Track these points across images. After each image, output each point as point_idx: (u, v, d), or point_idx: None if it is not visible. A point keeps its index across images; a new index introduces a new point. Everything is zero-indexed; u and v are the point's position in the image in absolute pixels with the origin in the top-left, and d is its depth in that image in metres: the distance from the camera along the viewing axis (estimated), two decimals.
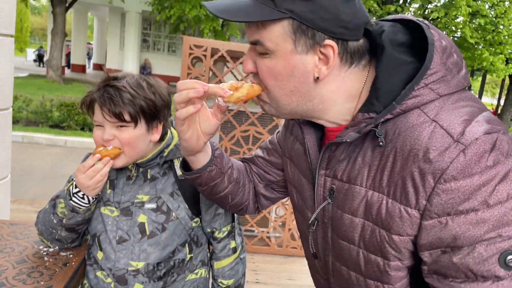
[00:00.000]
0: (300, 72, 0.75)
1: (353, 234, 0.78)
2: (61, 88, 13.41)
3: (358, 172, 0.76)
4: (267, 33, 0.73)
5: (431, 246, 0.69)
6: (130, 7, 17.98)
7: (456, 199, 0.64)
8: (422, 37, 0.74)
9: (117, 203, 1.26)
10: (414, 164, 0.67)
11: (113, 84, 1.15)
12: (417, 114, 0.69)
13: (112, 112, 1.14)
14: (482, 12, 14.34)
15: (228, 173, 1.01)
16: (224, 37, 14.78)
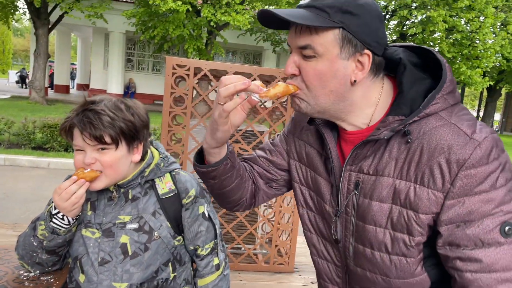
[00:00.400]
0: (341, 75, 0.88)
1: (381, 218, 0.92)
2: (44, 109, 13.28)
3: (386, 165, 0.90)
4: (319, 39, 0.86)
5: (450, 221, 0.85)
6: (114, 28, 18.02)
7: (473, 182, 0.82)
8: (427, 59, 0.95)
9: (98, 224, 1.26)
10: (440, 156, 0.84)
11: (92, 108, 1.17)
12: (437, 118, 0.87)
13: (93, 136, 1.15)
14: (458, 27, 14.79)
15: (237, 168, 1.09)
16: (208, 55, 14.89)
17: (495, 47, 15.27)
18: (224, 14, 13.21)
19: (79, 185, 1.16)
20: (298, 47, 0.89)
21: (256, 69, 3.03)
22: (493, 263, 0.83)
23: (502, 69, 18.80)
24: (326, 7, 0.86)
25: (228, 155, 1.03)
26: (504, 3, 16.12)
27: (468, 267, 0.85)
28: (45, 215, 1.24)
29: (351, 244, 1.00)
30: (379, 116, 0.94)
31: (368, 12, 0.87)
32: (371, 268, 0.98)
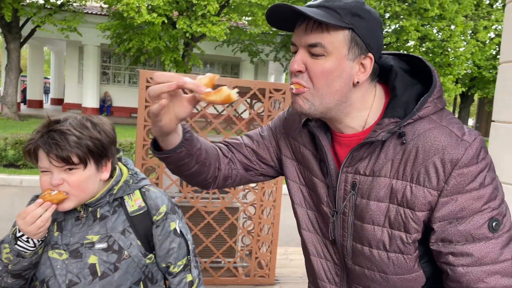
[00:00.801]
0: (346, 75, 0.91)
1: (379, 217, 0.95)
2: (16, 125, 12.94)
3: (382, 166, 0.94)
4: (330, 37, 0.89)
5: (443, 218, 0.90)
6: (88, 41, 17.79)
7: (465, 180, 0.87)
8: (416, 66, 1.00)
9: (65, 245, 1.21)
10: (435, 156, 0.88)
11: (57, 128, 1.12)
12: (429, 121, 0.92)
13: (60, 157, 1.10)
14: (430, 36, 15.20)
15: (197, 155, 1.06)
16: (186, 67, 14.84)
17: (466, 54, 15.73)
18: (200, 26, 13.23)
19: (45, 208, 1.11)
20: (308, 45, 0.91)
21: (232, 81, 3.01)
22: (483, 257, 0.89)
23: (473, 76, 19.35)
24: (338, 8, 0.89)
25: (182, 143, 1.01)
26: (474, 12, 16.66)
27: (460, 262, 0.90)
28: (9, 238, 1.17)
29: (349, 243, 1.03)
30: (373, 119, 0.97)
31: (373, 18, 0.92)
32: (369, 265, 1.01)
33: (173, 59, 14.42)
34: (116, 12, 14.26)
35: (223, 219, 3.26)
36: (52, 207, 1.12)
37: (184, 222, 1.35)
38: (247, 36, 15.84)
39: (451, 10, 14.65)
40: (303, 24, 0.91)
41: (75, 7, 15.91)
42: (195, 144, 1.05)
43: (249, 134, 1.22)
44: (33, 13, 14.21)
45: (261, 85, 3.14)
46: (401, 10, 14.74)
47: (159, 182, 3.07)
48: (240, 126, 3.22)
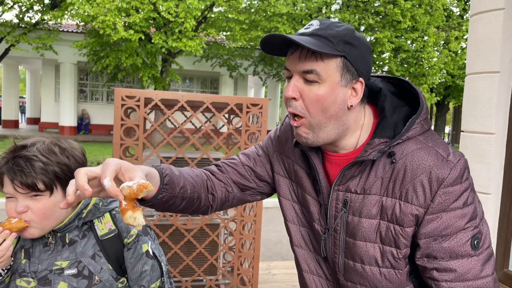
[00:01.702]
0: (340, 100, 0.95)
1: (371, 233, 0.99)
2: None
3: (373, 184, 0.98)
4: (324, 65, 0.92)
5: (428, 235, 0.94)
6: (65, 59, 17.59)
7: (450, 199, 0.92)
8: (402, 88, 1.06)
9: (33, 273, 1.17)
10: (422, 175, 0.93)
11: (23, 155, 1.10)
12: (416, 141, 0.96)
13: (24, 184, 1.08)
14: (404, 47, 15.60)
15: (181, 193, 1.06)
16: (164, 83, 14.80)
17: (439, 64, 16.18)
18: (176, 41, 13.24)
19: (3, 237, 1.08)
20: (303, 71, 0.94)
21: (208, 97, 3.02)
22: (465, 273, 0.93)
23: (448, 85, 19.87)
24: (330, 36, 0.92)
25: (162, 189, 1.00)
26: (445, 23, 17.19)
27: (444, 277, 0.95)
28: None
29: (340, 260, 1.06)
30: (363, 139, 1.02)
31: (363, 45, 0.96)
32: (361, 281, 1.04)
33: (151, 75, 14.37)
34: (92, 29, 14.18)
35: (203, 236, 3.23)
36: (12, 236, 1.09)
37: (157, 243, 1.33)
38: (225, 50, 15.94)
39: (423, 22, 15.09)
40: (297, 51, 0.95)
41: (50, 26, 15.75)
42: (177, 184, 1.04)
43: (245, 152, 1.24)
44: (7, 32, 14.01)
45: (238, 100, 3.15)
46: (375, 23, 15.11)
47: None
48: (218, 141, 3.22)
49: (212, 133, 3.17)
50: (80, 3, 12.44)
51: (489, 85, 2.00)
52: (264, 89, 28.02)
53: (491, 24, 2.03)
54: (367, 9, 15.31)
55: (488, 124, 1.98)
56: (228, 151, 3.21)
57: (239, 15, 14.72)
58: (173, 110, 2.99)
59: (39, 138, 1.18)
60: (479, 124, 1.94)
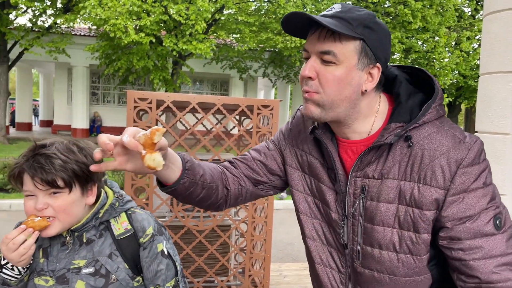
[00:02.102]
0: (355, 83, 0.96)
1: (389, 218, 0.99)
2: (5, 149, 12.80)
3: (390, 168, 0.98)
4: (342, 47, 0.94)
5: (452, 217, 0.95)
6: (77, 62, 17.80)
7: (470, 179, 0.93)
8: (416, 77, 1.08)
9: (51, 271, 1.19)
10: (441, 157, 0.94)
11: (43, 152, 1.13)
12: (433, 125, 0.98)
13: (45, 180, 1.11)
14: (415, 48, 15.48)
15: (201, 181, 1.09)
16: (175, 85, 14.88)
17: (451, 65, 16.02)
18: (186, 43, 13.31)
19: (27, 235, 1.10)
20: (320, 52, 0.95)
21: (220, 98, 3.03)
22: (492, 249, 0.94)
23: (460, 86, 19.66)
24: (351, 19, 0.93)
25: (184, 174, 1.04)
26: (456, 23, 17.02)
27: (472, 256, 0.94)
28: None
29: (358, 247, 1.06)
30: (378, 125, 1.03)
31: (383, 31, 0.97)
32: (379, 268, 1.03)
33: (162, 77, 14.46)
34: (104, 33, 14.33)
35: (215, 237, 3.24)
36: (35, 234, 1.11)
37: (172, 243, 1.35)
38: (235, 53, 15.98)
39: (434, 22, 14.96)
40: (316, 32, 0.96)
41: (63, 29, 15.95)
42: (198, 172, 1.08)
43: (256, 148, 1.26)
44: (21, 36, 14.22)
45: (249, 102, 3.16)
46: (385, 24, 15.02)
47: (149, 202, 3.05)
48: (229, 143, 3.23)
49: (223, 135, 3.18)
50: (92, 7, 12.57)
51: (504, 85, 1.98)
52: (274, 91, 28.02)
53: (505, 23, 2.01)
54: (377, 10, 15.23)
55: (503, 124, 1.95)
56: (239, 152, 3.21)
57: (249, 17, 14.74)
58: (185, 112, 3.01)
59: (57, 138, 1.21)
60: (494, 124, 1.92)
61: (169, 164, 1.00)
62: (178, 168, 1.03)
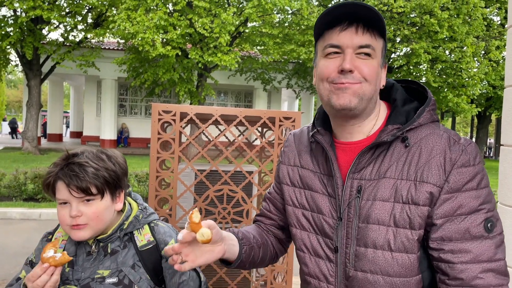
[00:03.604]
0: (379, 77, 1.04)
1: (384, 215, 1.00)
2: (36, 159, 13.24)
3: (387, 168, 1.01)
4: (377, 43, 1.02)
5: (443, 214, 0.96)
6: (106, 75, 18.33)
7: (463, 179, 0.96)
8: (411, 90, 1.14)
9: (76, 280, 1.23)
10: (438, 155, 0.98)
11: (75, 161, 1.18)
12: (429, 127, 1.03)
13: (80, 188, 1.16)
14: (442, 58, 15.19)
15: (255, 242, 1.19)
16: (200, 97, 15.09)
17: (479, 74, 15.64)
18: (211, 55, 13.52)
19: (49, 275, 1.14)
20: (360, 46, 1.00)
21: (242, 111, 3.07)
22: (480, 254, 0.95)
23: (489, 96, 19.16)
24: (382, 17, 1.00)
25: (242, 243, 1.13)
26: (485, 32, 16.66)
27: (459, 259, 0.95)
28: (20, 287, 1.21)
29: (352, 249, 1.05)
30: (377, 128, 1.07)
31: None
32: (373, 269, 1.03)
33: (187, 90, 14.70)
34: (132, 46, 14.73)
35: None
36: (58, 270, 1.15)
37: None
38: (259, 64, 16.10)
39: (461, 32, 14.67)
40: (351, 27, 1.00)
41: (93, 43, 16.48)
42: (249, 236, 1.18)
43: (265, 197, 1.33)
44: (53, 50, 14.78)
45: (271, 114, 3.18)
46: (411, 34, 14.83)
47: (172, 213, 3.10)
48: (251, 155, 3.26)
49: (245, 146, 3.21)
50: (121, 21, 12.98)
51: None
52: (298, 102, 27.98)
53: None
54: (402, 20, 15.08)
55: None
56: (261, 164, 3.23)
57: (273, 29, 14.86)
58: (207, 124, 3.06)
59: (86, 147, 1.27)
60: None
61: (228, 242, 1.08)
62: (235, 241, 1.12)
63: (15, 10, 14.41)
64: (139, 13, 12.99)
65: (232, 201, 3.16)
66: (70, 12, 15.13)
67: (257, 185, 3.19)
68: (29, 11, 13.22)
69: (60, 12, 14.33)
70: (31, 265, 1.29)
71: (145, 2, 13.21)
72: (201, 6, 13.13)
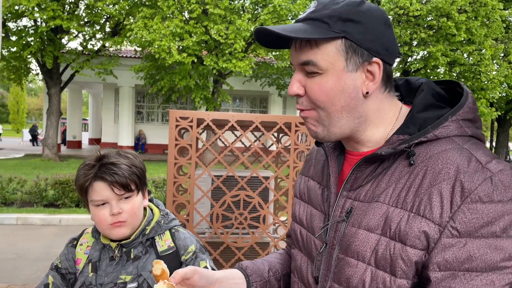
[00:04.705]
0: (350, 88, 0.80)
1: (365, 250, 0.79)
2: (56, 166, 13.50)
3: (384, 190, 0.79)
4: (321, 53, 0.79)
5: (444, 266, 0.70)
6: (123, 83, 18.64)
7: (479, 220, 0.68)
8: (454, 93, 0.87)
9: (100, 285, 1.26)
10: (444, 182, 0.72)
11: (109, 161, 1.22)
12: (449, 141, 0.77)
13: (121, 185, 1.20)
14: (460, 61, 14.99)
15: (272, 275, 1.04)
16: (215, 103, 15.20)
17: (499, 77, 15.36)
18: (226, 62, 13.63)
19: None
20: (300, 64, 0.83)
21: (258, 116, 3.08)
22: None
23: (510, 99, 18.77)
24: (325, 17, 0.79)
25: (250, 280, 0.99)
26: (504, 34, 16.37)
27: None
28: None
29: (328, 284, 0.87)
30: (389, 137, 0.85)
31: (371, 18, 0.80)
32: None
33: (203, 96, 14.82)
34: (149, 54, 14.94)
35: (253, 254, 3.26)
36: None
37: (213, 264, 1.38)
38: (274, 70, 16.14)
39: (479, 34, 14.46)
40: (293, 42, 0.84)
41: (111, 52, 16.80)
42: (263, 269, 1.04)
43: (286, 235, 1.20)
44: (72, 59, 15.09)
45: (286, 119, 3.19)
46: (428, 37, 14.68)
47: (189, 219, 3.12)
48: (267, 160, 3.26)
49: (262, 152, 3.22)
50: (138, 29, 13.20)
51: None
52: None
53: None
54: (419, 23, 14.94)
55: None
56: (277, 169, 3.24)
57: None
58: (224, 130, 3.08)
59: (110, 149, 1.31)
60: None
61: (228, 282, 0.95)
62: (240, 279, 0.98)
63: (36, 20, 14.80)
64: (156, 21, 13.19)
65: (249, 206, 3.16)
66: (89, 22, 15.46)
67: (274, 190, 3.20)
68: (49, 21, 13.55)
69: (79, 22, 14.68)
70: (57, 270, 1.31)
71: (162, 11, 13.42)
72: (217, 13, 13.26)
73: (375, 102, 0.83)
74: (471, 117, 0.80)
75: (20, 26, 14.95)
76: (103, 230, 1.25)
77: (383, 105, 0.84)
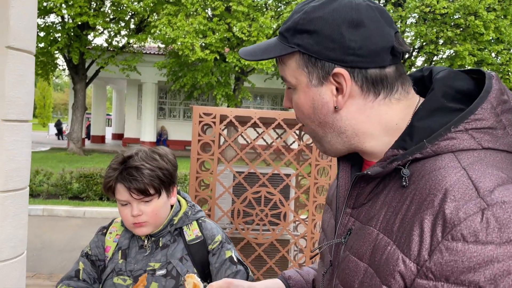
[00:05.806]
0: (319, 104, 0.72)
1: (352, 280, 0.69)
2: (81, 160, 13.81)
3: (376, 212, 0.69)
4: (288, 69, 0.74)
5: None
6: (147, 79, 18.89)
7: (459, 264, 0.54)
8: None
9: (129, 271, 1.30)
10: (426, 211, 0.58)
11: (133, 165, 1.24)
12: (449, 159, 0.62)
13: (139, 190, 1.23)
14: (488, 60, 14.60)
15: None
16: (236, 100, 15.26)
17: None
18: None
19: None
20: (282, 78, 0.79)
21: (280, 113, 3.08)
22: None
23: None
24: (285, 31, 0.73)
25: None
26: None
27: None
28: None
29: None
30: None
31: (330, 23, 0.68)
32: None
33: (224, 93, 14.90)
34: (172, 51, 15.11)
35: (274, 251, 3.27)
36: None
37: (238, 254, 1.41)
38: None
39: (508, 33, 14.05)
40: None
41: (135, 48, 17.05)
42: (306, 279, 1.03)
43: None
44: (98, 55, 15.39)
45: None
46: (454, 36, 14.36)
47: (211, 214, 3.15)
48: (289, 157, 3.27)
49: (283, 149, 3.22)
50: (162, 26, 13.36)
51: None
52: None
53: None
54: (445, 21, 14.62)
55: None
56: (298, 167, 3.23)
57: None
58: (246, 127, 3.10)
59: (140, 147, 1.33)
60: None
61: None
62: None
63: (63, 17, 15.14)
64: (179, 18, 13.32)
65: (270, 203, 3.17)
66: (114, 18, 15.74)
67: (295, 188, 3.20)
68: (76, 17, 13.85)
69: (105, 18, 14.95)
70: (87, 257, 1.36)
71: (185, 8, 13.54)
72: (240, 10, 13.30)
73: (362, 114, 0.71)
74: (490, 124, 0.62)
75: (48, 22, 15.34)
76: (128, 227, 1.31)
77: (379, 113, 0.71)
